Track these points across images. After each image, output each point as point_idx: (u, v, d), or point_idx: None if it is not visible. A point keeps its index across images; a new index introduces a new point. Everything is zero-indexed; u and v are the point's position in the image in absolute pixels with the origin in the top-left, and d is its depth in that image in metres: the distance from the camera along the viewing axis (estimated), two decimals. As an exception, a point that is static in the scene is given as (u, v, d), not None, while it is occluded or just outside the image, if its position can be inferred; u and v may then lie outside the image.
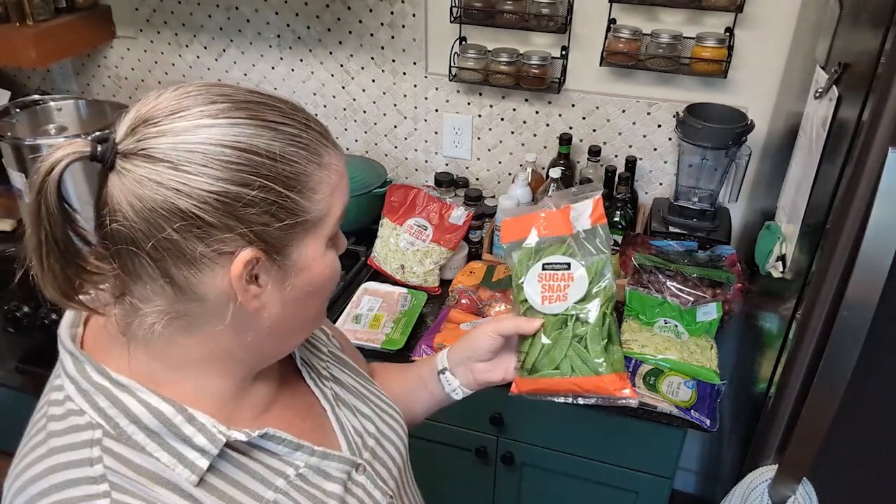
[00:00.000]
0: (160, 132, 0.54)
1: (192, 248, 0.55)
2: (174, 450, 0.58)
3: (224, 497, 0.59)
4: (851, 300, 0.91)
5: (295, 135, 0.58)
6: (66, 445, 0.56)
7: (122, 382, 0.58)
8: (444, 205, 1.67)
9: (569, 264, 0.84)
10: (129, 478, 0.56)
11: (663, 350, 1.37)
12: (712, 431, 1.25)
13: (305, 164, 0.58)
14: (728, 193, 1.62)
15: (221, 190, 0.54)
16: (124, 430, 0.57)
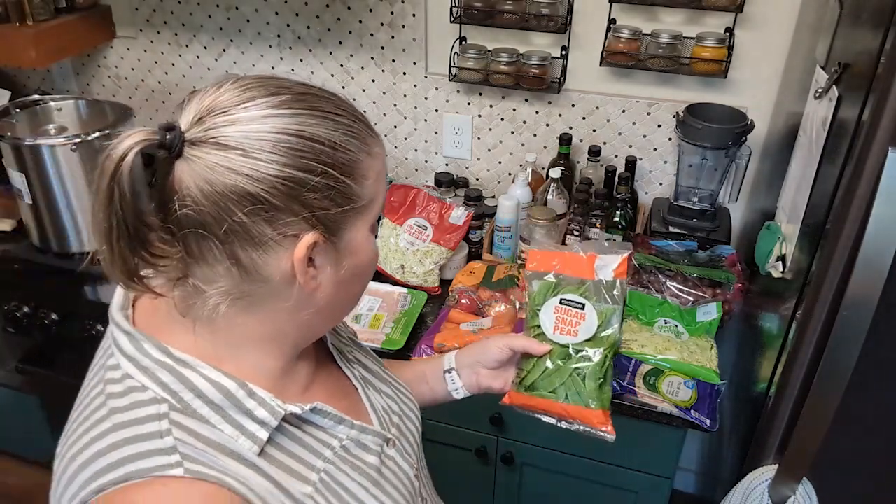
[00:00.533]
0: (229, 121, 0.57)
1: (259, 231, 0.58)
2: (236, 422, 0.61)
3: (282, 466, 0.63)
4: (851, 300, 0.91)
5: (348, 125, 0.62)
6: (133, 420, 0.59)
7: (184, 359, 0.61)
8: (444, 205, 1.67)
9: (584, 304, 0.92)
10: (197, 448, 0.58)
11: (663, 350, 1.37)
12: (712, 431, 1.25)
13: (357, 152, 0.62)
14: (728, 193, 1.62)
15: (288, 175, 0.57)
16: (189, 403, 0.60)
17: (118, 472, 0.55)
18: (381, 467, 0.73)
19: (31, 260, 1.70)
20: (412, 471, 0.78)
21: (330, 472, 0.66)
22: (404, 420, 0.81)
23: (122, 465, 0.56)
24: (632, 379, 1.32)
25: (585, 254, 0.94)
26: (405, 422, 0.81)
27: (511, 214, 1.60)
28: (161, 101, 2.13)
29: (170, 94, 2.11)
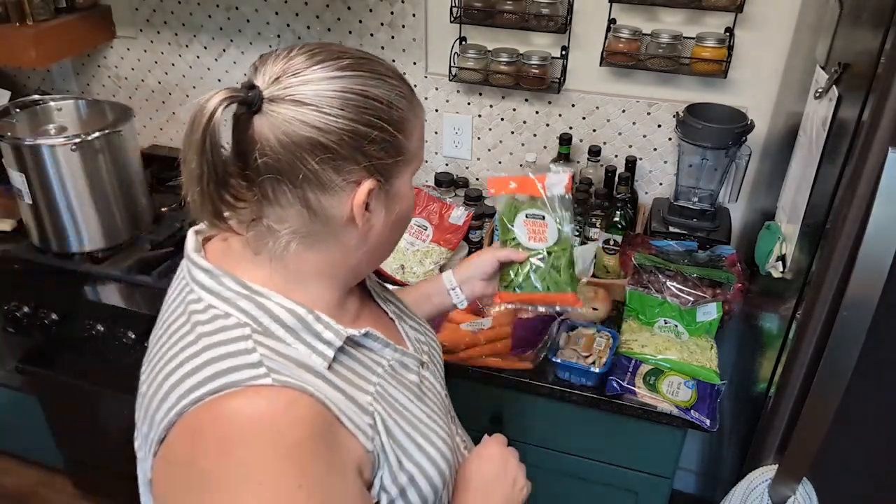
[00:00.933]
0: (303, 81, 0.66)
1: (328, 178, 0.68)
2: (307, 342, 0.71)
3: (346, 380, 0.72)
4: (851, 300, 0.91)
5: (398, 87, 0.72)
6: (221, 341, 0.67)
7: (259, 290, 0.70)
8: (444, 205, 1.67)
9: (544, 216, 1.13)
10: (279, 363, 0.67)
11: (663, 350, 1.37)
12: (712, 431, 1.25)
13: (406, 111, 0.72)
14: (728, 193, 1.62)
15: (353, 129, 0.67)
16: (267, 327, 0.69)
17: (214, 384, 0.63)
18: (420, 384, 0.83)
19: (31, 260, 1.70)
20: (443, 390, 0.91)
21: (382, 386, 0.76)
22: (431, 349, 0.93)
23: (217, 377, 0.64)
24: (632, 379, 1.32)
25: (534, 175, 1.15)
26: (432, 351, 0.94)
27: (511, 214, 1.59)
28: (161, 101, 2.13)
29: (170, 94, 2.11)
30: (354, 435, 0.70)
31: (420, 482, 0.76)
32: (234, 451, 0.62)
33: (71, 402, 1.84)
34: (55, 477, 2.21)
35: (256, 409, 0.63)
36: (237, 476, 0.61)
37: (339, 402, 0.69)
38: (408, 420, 0.77)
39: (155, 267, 1.63)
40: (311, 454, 0.64)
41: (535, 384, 1.36)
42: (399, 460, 0.74)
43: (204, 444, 0.63)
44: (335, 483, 0.66)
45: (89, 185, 1.62)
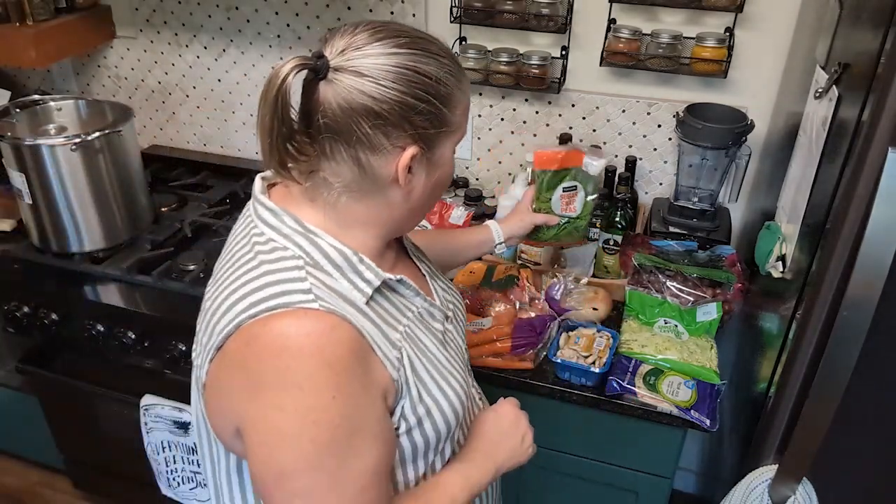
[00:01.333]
0: (365, 55, 0.75)
1: (378, 141, 0.76)
2: (350, 279, 0.80)
3: (379, 316, 0.82)
4: (851, 300, 0.91)
5: (448, 65, 0.79)
6: (279, 268, 0.77)
7: (313, 230, 0.81)
8: (444, 205, 1.67)
9: (576, 186, 1.37)
10: (326, 292, 0.77)
11: (663, 350, 1.37)
12: (712, 431, 1.25)
13: (453, 87, 0.79)
14: (728, 193, 1.62)
15: (403, 100, 0.75)
16: (318, 261, 0.79)
17: (270, 303, 0.74)
18: (444, 334, 0.93)
19: (31, 260, 1.70)
20: (463, 345, 1.00)
21: (411, 328, 0.86)
22: (456, 308, 1.03)
23: (272, 298, 0.74)
24: (632, 379, 1.32)
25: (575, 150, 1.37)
26: (456, 310, 1.03)
27: (511, 214, 1.60)
28: (161, 101, 2.13)
29: (170, 94, 2.11)
30: (384, 364, 0.79)
31: (436, 416, 0.85)
32: (281, 357, 0.72)
33: (71, 402, 1.84)
34: (55, 477, 2.21)
35: (304, 327, 0.73)
36: (281, 379, 0.71)
37: (373, 333, 0.79)
38: (430, 360, 0.86)
39: (155, 267, 1.63)
40: (348, 372, 0.73)
41: (535, 384, 1.36)
42: (419, 393, 0.83)
43: (256, 350, 0.73)
44: (364, 402, 0.75)
45: (89, 185, 1.62)
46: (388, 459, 0.79)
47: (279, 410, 0.72)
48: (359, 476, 0.75)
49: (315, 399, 0.71)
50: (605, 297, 1.49)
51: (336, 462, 0.73)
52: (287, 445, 0.72)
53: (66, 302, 1.64)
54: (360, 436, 0.75)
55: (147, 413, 1.62)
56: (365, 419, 0.75)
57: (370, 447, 0.76)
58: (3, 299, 1.68)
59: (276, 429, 0.72)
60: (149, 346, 1.59)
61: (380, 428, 0.78)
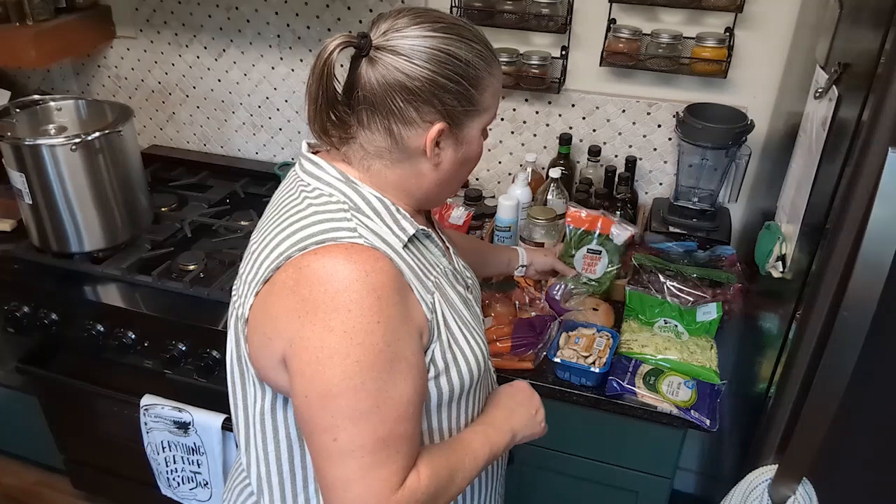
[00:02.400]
0: (403, 36, 0.82)
1: (409, 114, 0.83)
2: (389, 225, 0.86)
3: (415, 261, 0.88)
4: (851, 300, 0.91)
5: (479, 50, 0.85)
6: (326, 210, 0.84)
7: (355, 181, 0.87)
8: (445, 204, 1.67)
9: (601, 251, 1.49)
10: (369, 231, 0.83)
11: (663, 350, 1.37)
12: (712, 431, 1.25)
13: (482, 70, 0.85)
14: (728, 193, 1.62)
15: (434, 79, 0.82)
16: (361, 207, 0.86)
17: (319, 237, 0.80)
18: (466, 295, 0.99)
19: (31, 260, 1.70)
20: (481, 313, 1.06)
21: (440, 281, 0.92)
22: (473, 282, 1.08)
23: (321, 233, 0.81)
24: (632, 379, 1.32)
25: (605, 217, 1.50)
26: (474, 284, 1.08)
27: (511, 214, 1.60)
28: (161, 101, 2.13)
29: (170, 94, 2.11)
30: (420, 303, 0.85)
31: (461, 364, 0.90)
32: (330, 283, 0.78)
33: (71, 402, 1.84)
34: (55, 477, 2.21)
35: (351, 257, 0.79)
36: (331, 301, 0.77)
37: (410, 273, 0.84)
38: (456, 312, 0.92)
39: (155, 267, 1.63)
40: (391, 299, 0.79)
41: (535, 384, 1.35)
42: (448, 340, 0.89)
43: (307, 277, 0.78)
44: (405, 331, 0.81)
45: (89, 185, 1.62)
46: (422, 394, 0.84)
47: (328, 330, 0.76)
48: (397, 404, 0.79)
49: (362, 321, 0.77)
50: (607, 310, 1.49)
51: (377, 386, 0.78)
52: (334, 364, 0.76)
53: (66, 302, 1.64)
54: (399, 364, 0.79)
55: (147, 413, 1.62)
56: (404, 349, 0.80)
57: (407, 377, 0.80)
58: (3, 299, 1.68)
59: (325, 347, 0.77)
60: (149, 346, 1.59)
61: (416, 360, 0.82)
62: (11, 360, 1.81)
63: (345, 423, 0.78)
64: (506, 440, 0.99)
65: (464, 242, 1.35)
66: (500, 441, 0.98)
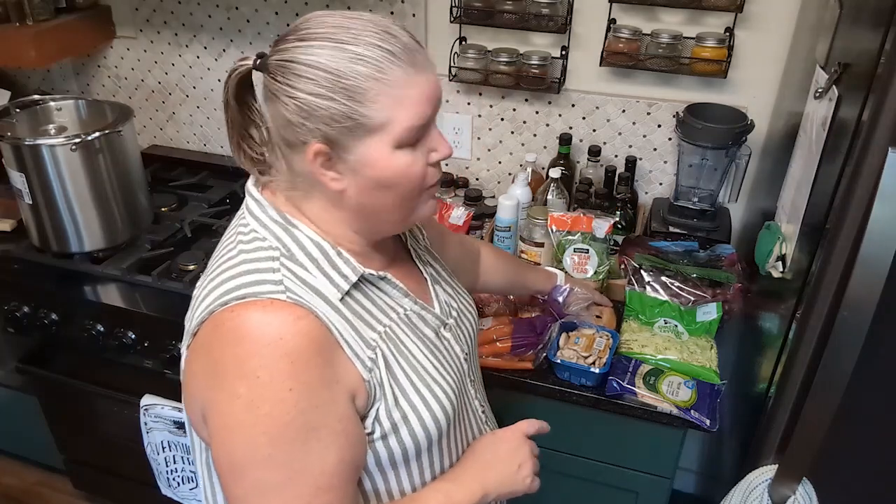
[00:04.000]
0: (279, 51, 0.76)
1: (288, 135, 0.77)
2: (326, 273, 0.80)
3: (356, 314, 0.81)
4: (851, 300, 0.91)
5: (360, 54, 0.73)
6: (255, 258, 0.79)
7: (294, 222, 0.81)
8: (444, 205, 1.67)
9: (588, 249, 1.51)
10: (297, 285, 0.77)
11: (663, 350, 1.37)
12: (712, 431, 1.25)
13: (364, 79, 0.73)
14: (728, 193, 1.62)
15: (296, 96, 0.73)
16: (294, 254, 0.79)
17: (240, 292, 0.75)
18: (436, 340, 0.90)
19: (31, 260, 1.70)
20: (462, 354, 0.96)
21: (393, 329, 0.84)
22: (461, 316, 0.99)
23: (244, 286, 0.75)
24: (632, 379, 1.32)
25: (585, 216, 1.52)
26: (462, 318, 0.99)
27: (511, 214, 1.60)
28: (161, 101, 2.13)
29: (170, 95, 2.11)
30: (352, 362, 0.78)
31: (413, 423, 0.82)
32: (241, 345, 0.72)
33: (71, 402, 1.84)
34: (55, 477, 2.21)
35: (267, 316, 0.73)
36: (240, 366, 0.72)
37: (343, 330, 0.78)
38: (411, 364, 0.84)
39: (155, 267, 1.63)
40: (307, 364, 0.73)
41: (535, 384, 1.36)
42: (395, 397, 0.81)
43: (220, 337, 0.74)
44: (324, 398, 0.74)
45: (89, 185, 1.62)
46: (353, 461, 0.77)
47: (236, 398, 0.71)
48: (315, 475, 0.73)
49: (271, 389, 0.71)
50: (610, 315, 1.49)
51: (289, 458, 0.72)
52: (240, 435, 0.72)
53: (66, 302, 1.64)
54: (317, 432, 0.73)
55: (147, 413, 1.62)
56: (325, 416, 0.74)
57: (328, 446, 0.74)
58: (3, 299, 1.68)
59: (232, 416, 0.72)
60: (149, 346, 1.59)
61: (342, 427, 0.75)
62: (11, 360, 1.81)
63: (254, 496, 0.72)
64: (473, 500, 0.88)
65: (500, 263, 1.31)
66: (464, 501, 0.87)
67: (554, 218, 1.53)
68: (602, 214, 1.54)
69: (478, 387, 1.04)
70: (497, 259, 1.33)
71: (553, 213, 1.54)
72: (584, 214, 1.52)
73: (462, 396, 0.94)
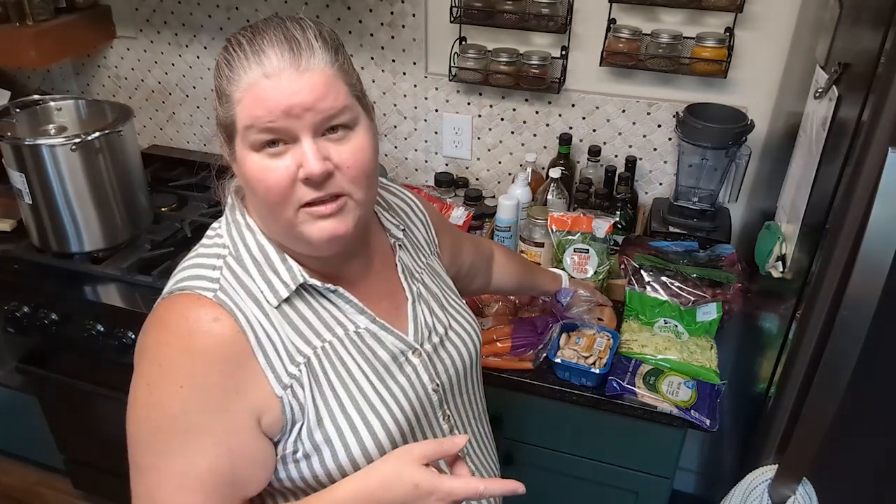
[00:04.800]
0: None
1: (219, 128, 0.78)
2: (267, 278, 0.79)
3: (290, 323, 0.79)
4: (851, 300, 0.91)
5: (221, 54, 0.75)
6: (206, 254, 0.81)
7: (250, 225, 0.82)
8: (444, 205, 1.67)
9: (588, 249, 1.50)
10: (233, 286, 0.78)
11: (663, 350, 1.37)
12: (712, 431, 1.25)
13: (220, 79, 0.75)
14: (728, 193, 1.62)
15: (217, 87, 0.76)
16: (241, 255, 0.80)
17: (180, 284, 0.78)
18: (391, 365, 0.85)
19: (31, 260, 1.70)
20: (431, 385, 0.89)
21: (334, 346, 0.81)
22: (445, 343, 0.93)
23: (185, 280, 0.78)
24: (632, 379, 1.32)
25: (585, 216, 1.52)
26: (446, 345, 0.93)
27: (511, 214, 1.60)
28: (161, 101, 2.13)
29: (170, 95, 2.11)
30: (266, 375, 0.76)
31: (336, 447, 0.79)
32: (159, 332, 0.76)
33: (71, 402, 1.84)
34: (55, 477, 2.21)
35: (186, 311, 0.75)
36: (150, 353, 0.76)
37: (265, 339, 0.77)
38: (346, 386, 0.81)
39: (155, 267, 1.63)
40: (210, 367, 0.74)
41: (535, 384, 1.36)
42: (319, 418, 0.79)
43: (151, 321, 0.78)
44: (216, 404, 0.74)
45: (89, 185, 1.62)
46: (227, 474, 0.75)
47: (141, 377, 0.76)
48: (179, 474, 0.74)
49: (167, 381, 0.74)
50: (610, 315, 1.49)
51: (161, 448, 0.74)
52: (134, 412, 0.76)
53: (65, 302, 1.64)
54: (195, 436, 0.74)
55: (147, 413, 1.61)
56: (210, 423, 0.74)
57: (204, 452, 0.74)
58: (3, 299, 1.68)
59: (134, 392, 0.76)
60: (149, 346, 1.59)
61: (226, 439, 0.74)
62: (11, 360, 1.81)
63: (132, 468, 0.77)
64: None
65: (512, 265, 1.31)
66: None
67: (554, 218, 1.53)
68: (602, 214, 1.54)
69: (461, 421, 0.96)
70: (509, 260, 1.32)
71: (553, 213, 1.53)
72: (584, 214, 1.52)
73: (419, 431, 0.88)
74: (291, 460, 0.80)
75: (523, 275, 1.35)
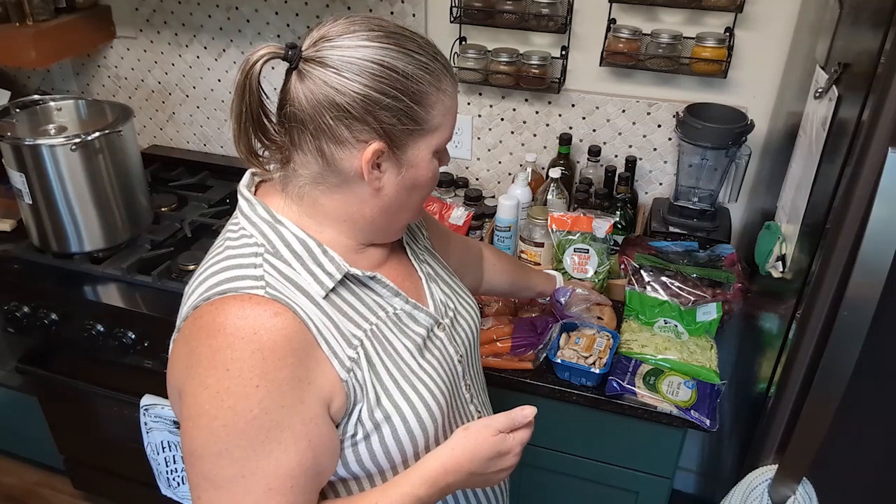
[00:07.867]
0: (334, 47, 0.76)
1: (340, 133, 0.76)
2: (311, 270, 0.80)
3: (341, 311, 0.81)
4: (851, 300, 0.91)
5: (425, 63, 0.78)
6: (240, 254, 0.80)
7: (281, 219, 0.82)
8: (444, 205, 1.67)
9: (588, 249, 1.51)
10: (279, 281, 0.78)
11: (663, 350, 1.37)
12: (712, 431, 1.25)
13: (427, 85, 0.78)
14: (728, 193, 1.62)
15: (367, 94, 0.74)
16: (279, 250, 0.80)
17: (221, 288, 0.76)
18: (426, 340, 0.89)
19: (31, 260, 1.70)
20: (456, 356, 0.94)
21: (380, 328, 0.84)
22: (458, 317, 0.98)
23: (225, 282, 0.77)
24: (632, 379, 1.32)
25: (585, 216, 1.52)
26: (458, 318, 0.98)
27: (511, 214, 1.60)
28: (161, 101, 2.13)
29: (170, 94, 2.11)
30: (330, 361, 0.78)
31: (396, 423, 0.82)
32: (216, 337, 0.73)
33: (71, 402, 1.84)
34: (55, 477, 2.21)
35: (244, 310, 0.74)
36: (212, 357, 0.73)
37: (324, 328, 0.78)
38: (396, 364, 0.84)
39: (155, 267, 1.63)
40: (279, 361, 0.73)
41: (535, 384, 1.36)
42: (378, 397, 0.81)
43: (198, 329, 0.75)
44: (294, 397, 0.74)
45: (89, 185, 1.62)
46: (311, 468, 0.76)
47: (204, 388, 0.72)
48: (268, 476, 0.73)
49: (238, 383, 0.71)
50: (610, 315, 1.49)
51: (245, 454, 0.72)
52: (202, 424, 0.72)
53: (65, 302, 1.64)
54: (278, 433, 0.73)
55: (147, 413, 1.62)
56: (289, 417, 0.74)
57: (288, 448, 0.74)
58: (3, 299, 1.68)
59: (197, 406, 0.73)
60: (149, 346, 1.59)
61: (306, 430, 0.75)
62: (11, 360, 1.81)
63: (206, 486, 0.73)
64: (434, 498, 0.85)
65: (503, 264, 1.32)
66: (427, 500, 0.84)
67: (554, 218, 1.53)
68: (602, 214, 1.54)
69: (476, 391, 1.02)
70: (499, 260, 1.32)
71: (553, 213, 1.54)
72: (584, 214, 1.52)
73: (454, 400, 0.92)
74: (350, 444, 0.81)
75: (516, 273, 1.35)
